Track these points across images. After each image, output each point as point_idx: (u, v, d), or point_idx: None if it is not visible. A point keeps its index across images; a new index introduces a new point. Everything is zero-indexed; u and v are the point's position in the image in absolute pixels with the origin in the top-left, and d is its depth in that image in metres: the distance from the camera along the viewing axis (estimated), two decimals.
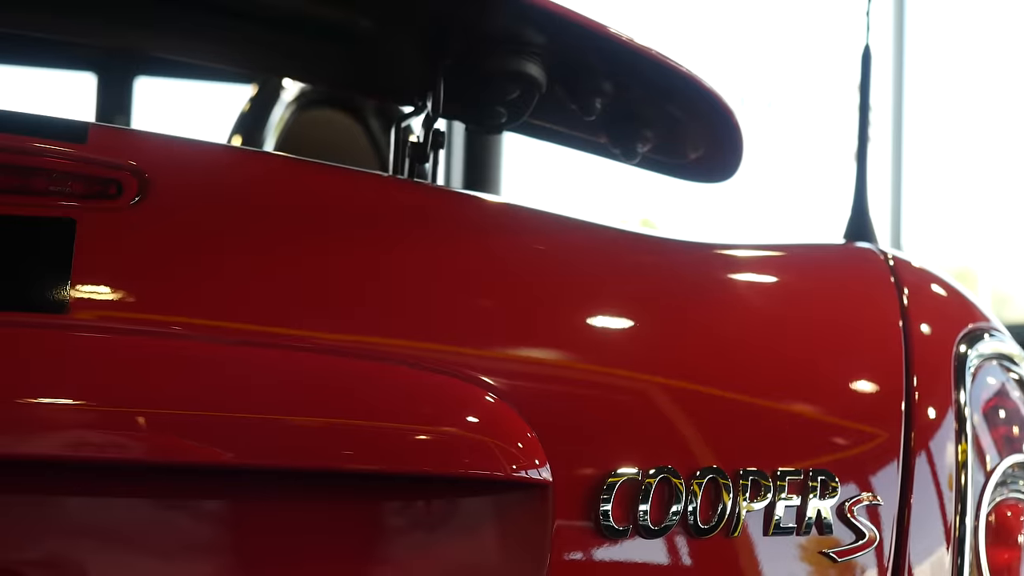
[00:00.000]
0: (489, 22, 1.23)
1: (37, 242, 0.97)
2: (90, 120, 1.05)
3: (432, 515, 1.06)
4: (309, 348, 1.01)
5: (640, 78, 1.30)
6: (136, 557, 0.99)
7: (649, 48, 1.22)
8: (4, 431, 0.91)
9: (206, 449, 0.95)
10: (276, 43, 1.57)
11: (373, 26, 1.40)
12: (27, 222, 0.97)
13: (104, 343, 0.97)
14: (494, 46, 1.23)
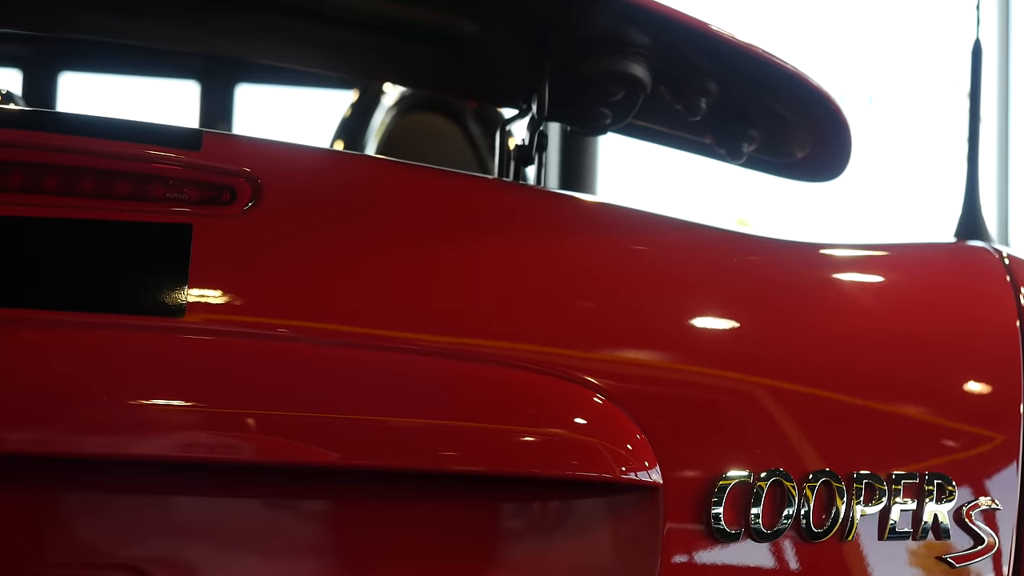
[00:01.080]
0: (593, 23, 1.23)
1: (155, 247, 0.99)
2: (203, 128, 1.07)
3: (540, 518, 1.06)
4: (417, 350, 1.02)
5: (746, 77, 1.29)
6: (246, 557, 1.00)
7: (755, 46, 1.21)
8: (124, 432, 0.93)
9: (317, 450, 0.97)
10: (379, 48, 1.58)
11: (477, 30, 1.40)
12: (146, 228, 1.00)
13: (219, 346, 0.98)
14: (599, 47, 1.23)
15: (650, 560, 1.04)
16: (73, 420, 0.93)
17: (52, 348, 0.95)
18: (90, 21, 1.65)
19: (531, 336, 1.06)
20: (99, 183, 1.01)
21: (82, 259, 0.98)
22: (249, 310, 1.00)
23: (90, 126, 1.04)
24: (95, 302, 0.96)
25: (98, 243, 0.99)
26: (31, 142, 1.02)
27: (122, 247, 0.99)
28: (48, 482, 0.97)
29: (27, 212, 0.99)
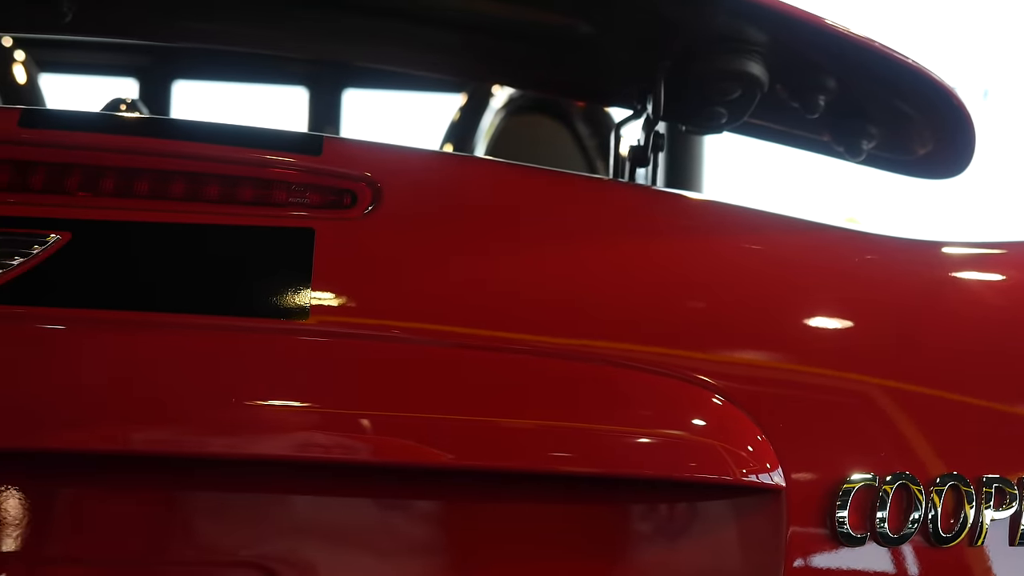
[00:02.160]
0: (710, 22, 1.22)
1: (279, 251, 1.01)
2: (323, 133, 1.09)
3: (659, 521, 1.05)
4: (534, 352, 1.02)
5: (865, 73, 1.27)
6: (362, 556, 1.01)
7: (875, 41, 1.19)
8: (248, 433, 0.95)
9: (434, 452, 0.97)
10: (491, 50, 1.59)
11: (592, 30, 1.40)
12: (269, 232, 1.01)
13: (341, 349, 0.99)
14: (715, 46, 1.22)
15: (773, 564, 1.03)
16: (199, 421, 0.95)
17: (179, 351, 0.97)
18: (203, 30, 1.69)
19: (650, 337, 1.05)
20: (224, 189, 1.03)
21: (208, 263, 1.00)
22: (370, 312, 1.01)
23: (215, 133, 1.06)
24: (221, 305, 0.98)
25: (223, 248, 1.00)
26: (158, 149, 1.04)
27: (247, 251, 1.01)
28: (173, 481, 0.99)
29: (155, 218, 1.01)
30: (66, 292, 0.97)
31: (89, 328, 0.96)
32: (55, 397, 0.93)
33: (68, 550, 0.98)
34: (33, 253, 0.98)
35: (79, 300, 0.97)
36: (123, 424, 0.94)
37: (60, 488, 0.99)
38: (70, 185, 1.02)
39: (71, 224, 0.99)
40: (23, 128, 1.03)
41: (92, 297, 0.97)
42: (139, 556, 0.98)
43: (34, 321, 0.96)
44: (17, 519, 0.96)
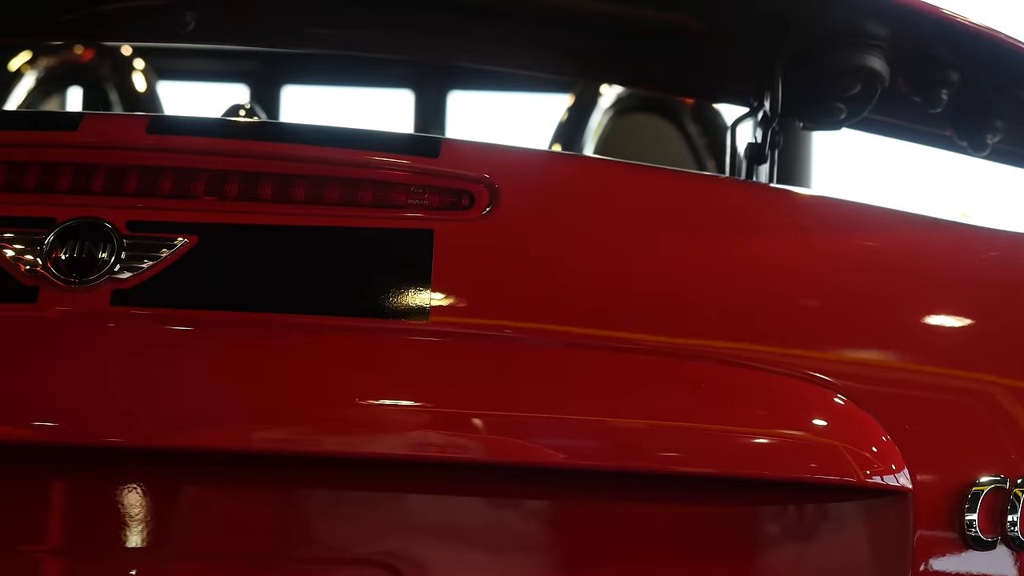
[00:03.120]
0: (829, 16, 1.20)
1: (399, 253, 1.02)
2: (442, 136, 1.09)
3: (780, 523, 1.04)
4: (653, 351, 1.01)
5: (990, 65, 1.24)
6: (476, 554, 1.02)
7: (999, 32, 1.16)
8: (374, 431, 0.96)
9: (554, 452, 0.97)
10: (603, 49, 1.58)
11: (707, 27, 1.39)
12: (389, 234, 1.02)
13: (462, 349, 1.00)
14: (834, 40, 1.20)
15: (900, 568, 1.01)
16: (321, 421, 0.96)
17: (301, 352, 0.98)
18: (317, 34, 1.71)
19: (770, 336, 1.04)
20: (344, 191, 1.04)
21: (329, 266, 1.01)
22: (489, 313, 1.01)
23: (335, 137, 1.07)
24: (341, 307, 1.00)
25: (344, 250, 1.02)
26: (281, 153, 1.06)
27: (367, 253, 1.02)
28: (294, 479, 1.00)
29: (277, 221, 1.03)
30: (193, 294, 0.99)
31: (215, 330, 0.98)
32: (181, 397, 0.95)
33: (193, 546, 1.00)
34: (161, 256, 1.00)
35: (205, 302, 0.99)
36: (247, 423, 0.95)
37: (185, 486, 1.01)
38: (196, 190, 1.04)
39: (197, 228, 1.01)
40: (151, 135, 1.06)
41: (217, 299, 0.99)
42: (263, 552, 1.00)
43: (163, 323, 0.98)
44: (143, 516, 0.98)
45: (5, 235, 1.00)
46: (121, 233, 1.00)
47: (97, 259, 0.99)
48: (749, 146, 1.38)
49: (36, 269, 0.99)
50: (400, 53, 2.47)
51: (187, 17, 1.39)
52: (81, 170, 1.04)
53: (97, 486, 0.98)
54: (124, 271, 0.99)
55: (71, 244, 0.99)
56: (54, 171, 1.04)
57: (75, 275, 0.99)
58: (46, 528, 0.99)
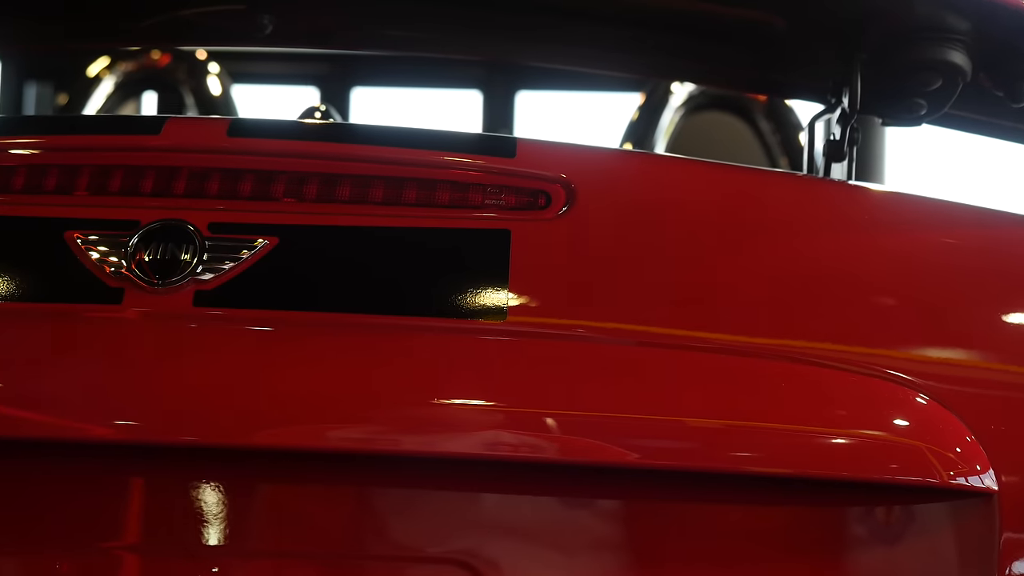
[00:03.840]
0: (909, 11, 1.18)
1: (476, 253, 1.02)
2: (519, 136, 1.09)
3: (860, 524, 1.02)
4: (731, 351, 1.01)
5: None
6: (547, 553, 1.01)
7: None
8: (452, 430, 0.96)
9: (631, 452, 0.97)
10: (676, 47, 1.57)
11: (786, 24, 1.38)
12: (466, 234, 1.03)
13: (539, 348, 1.00)
14: (914, 35, 1.18)
15: (986, 570, 0.99)
16: (398, 420, 0.97)
17: (379, 351, 0.99)
18: (387, 36, 1.72)
19: (850, 335, 1.02)
20: (421, 192, 1.05)
21: (407, 266, 1.02)
22: (566, 313, 1.01)
23: (412, 138, 1.08)
24: (419, 307, 1.00)
25: (421, 250, 1.02)
26: (359, 155, 1.07)
27: (445, 253, 1.02)
28: (372, 478, 1.01)
29: (356, 222, 1.03)
30: (273, 295, 1.00)
31: (294, 330, 0.99)
32: (261, 397, 0.96)
33: (270, 545, 1.01)
34: (242, 258, 1.01)
35: (285, 303, 1.00)
36: (326, 423, 0.96)
37: (263, 485, 1.02)
38: (276, 191, 1.05)
39: (277, 229, 1.02)
40: (232, 138, 1.07)
41: (297, 300, 1.00)
42: (339, 552, 1.01)
43: (244, 323, 1.00)
44: (221, 514, 0.99)
45: (90, 237, 1.02)
46: (203, 235, 1.01)
47: (180, 261, 1.00)
48: (828, 143, 1.36)
49: (121, 271, 1.00)
50: (470, 54, 2.47)
51: (264, 21, 1.41)
52: (164, 173, 1.06)
53: (177, 484, 0.99)
54: (206, 272, 1.01)
55: (155, 246, 1.01)
56: (138, 174, 1.06)
57: (158, 276, 1.00)
58: (125, 525, 1.00)
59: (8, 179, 1.07)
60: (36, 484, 1.00)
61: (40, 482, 1.00)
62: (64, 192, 1.06)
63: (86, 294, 1.00)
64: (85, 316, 1.00)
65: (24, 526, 0.99)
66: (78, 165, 1.06)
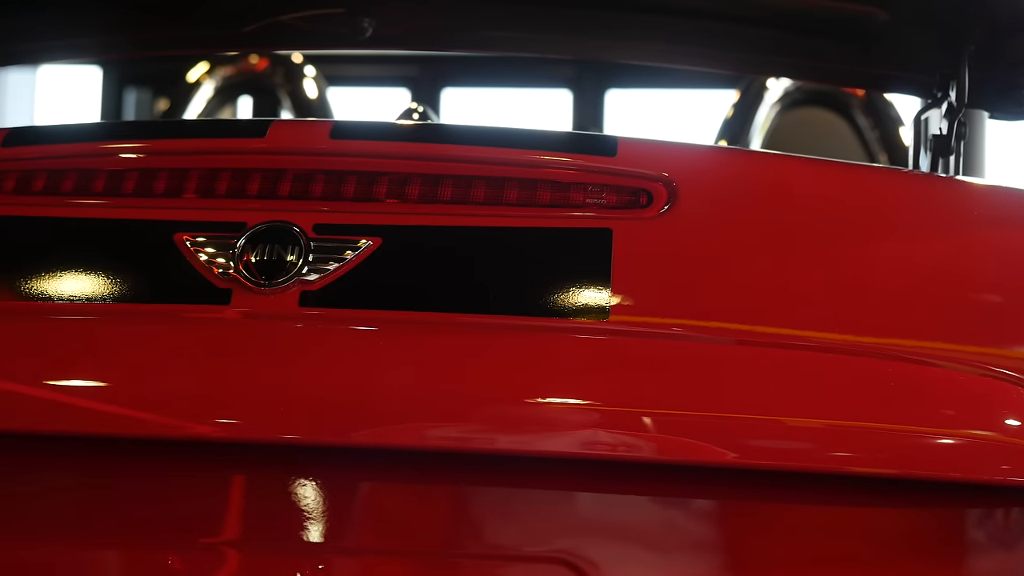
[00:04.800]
0: (1018, 2, 1.15)
1: (578, 252, 1.02)
2: (619, 134, 1.09)
3: (968, 524, 1.00)
4: (834, 349, 0.99)
5: None
6: (647, 553, 1.01)
7: None
8: (554, 429, 0.96)
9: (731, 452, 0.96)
10: (775, 43, 1.56)
11: (889, 18, 1.35)
12: (568, 233, 1.03)
13: (644, 347, 0.99)
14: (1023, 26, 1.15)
15: None
16: (497, 419, 0.97)
17: (482, 351, 0.99)
18: (480, 37, 1.73)
19: (958, 333, 1.00)
20: (523, 192, 1.05)
21: (508, 265, 1.02)
22: (668, 312, 1.01)
23: (513, 138, 1.08)
24: (521, 306, 1.00)
25: (523, 250, 1.02)
26: (460, 155, 1.07)
27: (547, 253, 1.02)
28: (471, 476, 1.01)
29: (458, 222, 1.04)
30: (376, 295, 1.01)
31: (398, 329, 1.00)
32: (366, 396, 0.97)
33: (371, 543, 1.02)
34: (347, 258, 1.02)
35: (388, 303, 1.01)
36: (430, 421, 0.97)
37: (367, 483, 1.03)
38: (378, 192, 1.06)
39: (381, 230, 1.03)
40: (335, 139, 1.08)
41: (400, 300, 1.01)
42: (439, 550, 1.01)
43: (348, 323, 1.01)
44: (321, 511, 1.01)
45: (199, 239, 1.04)
46: (308, 236, 1.03)
47: (285, 262, 1.02)
48: (933, 138, 1.34)
49: (229, 272, 1.02)
50: (562, 53, 2.47)
51: (364, 24, 1.43)
52: (269, 175, 1.07)
53: (283, 482, 1.01)
54: (311, 273, 1.02)
55: (261, 247, 1.03)
56: (244, 177, 1.08)
57: (265, 277, 1.02)
58: (232, 521, 1.02)
59: (119, 183, 1.09)
60: (150, 481, 1.02)
61: (153, 478, 1.02)
62: (173, 195, 1.08)
63: (195, 295, 1.02)
64: (196, 317, 1.02)
65: (132, 522, 1.01)
66: (186, 168, 1.09)
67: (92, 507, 1.02)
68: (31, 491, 1.03)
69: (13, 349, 1.02)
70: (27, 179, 1.11)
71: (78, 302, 1.03)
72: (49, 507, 1.02)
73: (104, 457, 1.02)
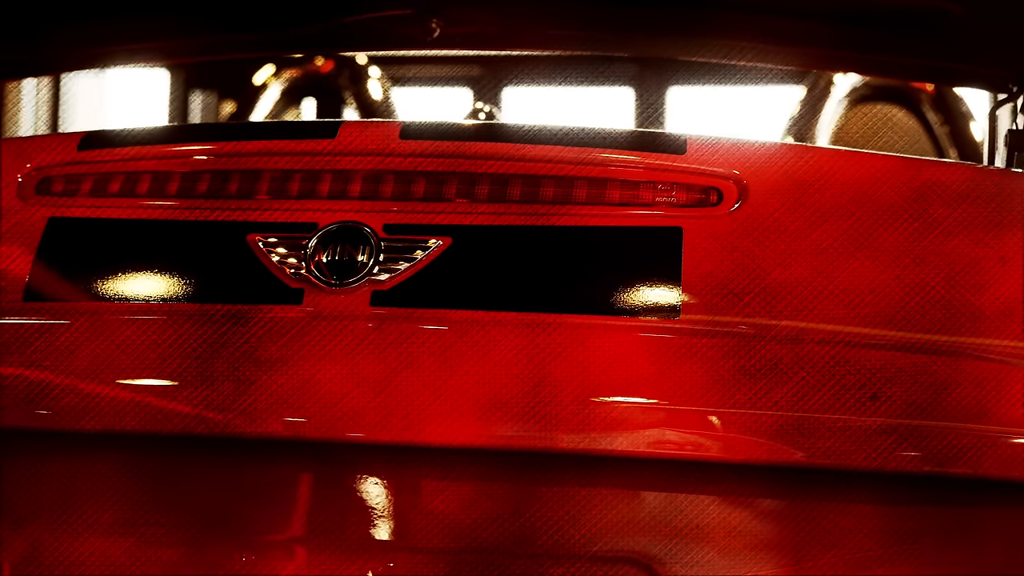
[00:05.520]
0: None
1: (648, 250, 1.01)
2: (689, 132, 1.08)
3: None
4: (918, 349, 0.98)
5: None
6: (713, 552, 1.00)
7: None
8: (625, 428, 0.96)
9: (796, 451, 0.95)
10: (845, 38, 1.53)
11: (966, 11, 1.33)
12: (638, 232, 1.02)
13: (715, 347, 0.99)
14: None
15: None
16: (567, 418, 0.97)
17: (552, 349, 0.99)
18: (545, 36, 1.72)
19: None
20: (591, 191, 1.05)
21: (578, 264, 1.02)
22: (740, 311, 1.00)
23: (582, 137, 1.08)
24: (591, 305, 1.00)
25: (593, 248, 1.02)
26: (530, 155, 1.07)
27: (616, 251, 1.02)
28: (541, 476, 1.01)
29: (527, 221, 1.04)
30: (446, 294, 1.02)
31: (468, 329, 1.00)
32: (437, 394, 0.98)
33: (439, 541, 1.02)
34: (417, 258, 1.03)
35: (458, 302, 1.01)
36: (500, 420, 0.97)
37: (436, 481, 1.03)
38: (448, 192, 1.06)
39: (450, 230, 1.04)
40: (404, 140, 1.09)
41: (470, 299, 1.01)
42: (507, 548, 1.01)
43: (419, 323, 1.01)
44: (389, 510, 1.01)
45: (270, 240, 1.05)
46: (379, 236, 1.03)
47: (356, 262, 1.03)
48: (1009, 133, 1.31)
49: (300, 272, 1.03)
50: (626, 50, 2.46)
51: (432, 25, 1.43)
52: (339, 176, 1.08)
53: (349, 480, 1.02)
54: (382, 273, 1.02)
55: (332, 247, 1.03)
56: (315, 177, 1.08)
57: (336, 277, 1.02)
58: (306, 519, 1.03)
59: (193, 184, 1.11)
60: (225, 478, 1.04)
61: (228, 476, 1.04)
62: (245, 196, 1.09)
63: (268, 295, 1.03)
64: (269, 316, 1.03)
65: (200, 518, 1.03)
66: (258, 170, 1.10)
67: (160, 504, 1.04)
68: (102, 488, 1.05)
69: (88, 349, 1.03)
70: (103, 181, 1.13)
71: (152, 302, 1.05)
72: (120, 504, 1.04)
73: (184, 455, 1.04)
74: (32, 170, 1.14)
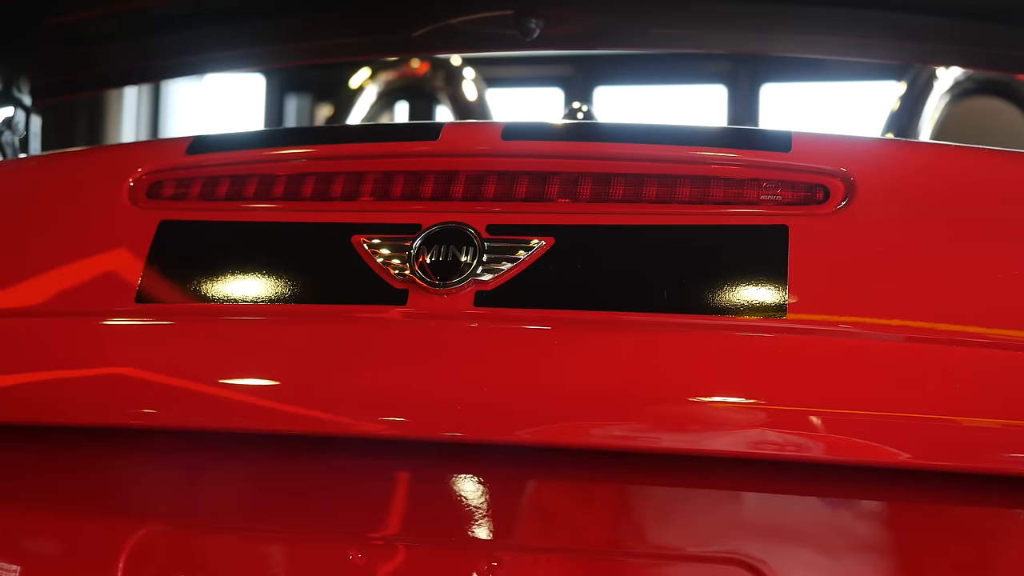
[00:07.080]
0: None
1: (754, 249, 1.00)
2: (794, 129, 1.07)
3: None
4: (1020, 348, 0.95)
5: None
6: (816, 553, 0.99)
7: None
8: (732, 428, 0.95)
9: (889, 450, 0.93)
10: (948, 30, 1.51)
11: None
12: (743, 231, 1.01)
13: (823, 346, 0.97)
14: None
15: None
16: (673, 418, 0.96)
17: (656, 349, 0.98)
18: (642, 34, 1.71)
19: None
20: (695, 189, 1.04)
21: (682, 264, 1.01)
22: (848, 310, 0.98)
23: (685, 135, 1.07)
24: (696, 305, 0.99)
25: (697, 247, 1.01)
26: (632, 154, 1.07)
27: (721, 250, 1.01)
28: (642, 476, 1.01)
29: (630, 221, 1.04)
30: (550, 295, 1.02)
31: (572, 329, 1.00)
32: (543, 394, 0.97)
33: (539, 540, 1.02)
34: (520, 259, 1.03)
35: (561, 302, 1.01)
36: (606, 420, 0.97)
37: (539, 481, 1.03)
38: (550, 192, 1.07)
39: (553, 230, 1.04)
40: (506, 141, 1.09)
41: (573, 299, 1.01)
42: (610, 548, 1.01)
43: (522, 323, 1.01)
44: (490, 509, 1.01)
45: (375, 241, 1.06)
46: (482, 236, 1.04)
47: (460, 262, 1.03)
48: None
49: (405, 272, 1.04)
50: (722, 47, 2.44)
51: (531, 25, 1.44)
52: (443, 177, 1.09)
53: (451, 479, 1.02)
54: (485, 273, 1.03)
55: (436, 248, 1.04)
56: (418, 179, 1.09)
57: (439, 277, 1.03)
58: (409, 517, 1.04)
59: (298, 187, 1.12)
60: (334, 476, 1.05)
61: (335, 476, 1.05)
62: (349, 198, 1.10)
63: (372, 295, 1.04)
64: (375, 317, 1.04)
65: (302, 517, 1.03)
66: (362, 172, 1.11)
67: (262, 502, 1.05)
68: (206, 485, 1.07)
69: (197, 349, 1.06)
70: (211, 185, 1.15)
71: (259, 303, 1.07)
72: (224, 501, 1.06)
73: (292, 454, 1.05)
74: (143, 175, 1.17)
